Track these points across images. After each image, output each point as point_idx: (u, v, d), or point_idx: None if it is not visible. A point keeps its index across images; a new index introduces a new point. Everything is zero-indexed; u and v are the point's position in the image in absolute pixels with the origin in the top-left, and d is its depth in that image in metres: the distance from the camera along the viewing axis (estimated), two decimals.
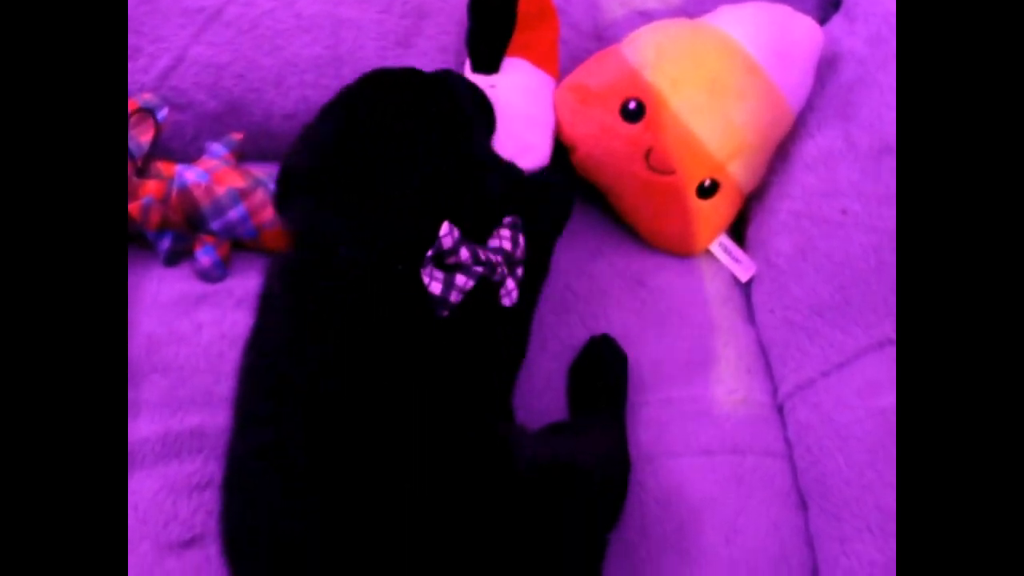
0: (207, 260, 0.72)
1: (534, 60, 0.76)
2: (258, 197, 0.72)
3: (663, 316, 0.77)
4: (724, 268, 0.82)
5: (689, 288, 0.79)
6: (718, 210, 0.79)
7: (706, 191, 0.77)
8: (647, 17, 0.85)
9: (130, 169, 0.71)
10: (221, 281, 0.72)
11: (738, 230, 0.84)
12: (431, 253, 0.57)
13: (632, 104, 0.75)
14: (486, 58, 0.74)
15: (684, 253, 0.82)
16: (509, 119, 0.72)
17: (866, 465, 0.64)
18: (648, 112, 0.75)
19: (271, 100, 0.80)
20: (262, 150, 0.80)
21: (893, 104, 0.72)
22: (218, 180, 0.71)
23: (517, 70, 0.75)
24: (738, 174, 0.77)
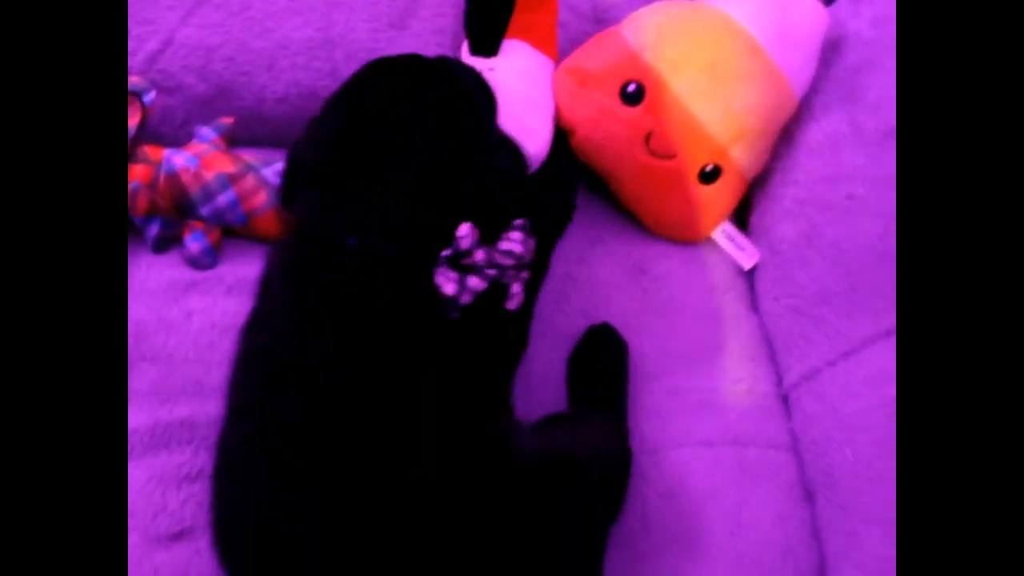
0: (196, 247, 0.70)
1: (533, 42, 0.75)
2: (248, 182, 0.70)
3: (665, 305, 0.76)
4: (727, 256, 0.81)
5: (692, 276, 0.79)
6: (720, 196, 0.78)
7: (708, 176, 0.76)
8: None
9: None
10: (211, 268, 0.71)
11: (741, 216, 0.83)
12: (447, 253, 0.58)
13: (632, 87, 0.74)
14: (485, 40, 0.73)
15: (686, 240, 0.81)
16: (509, 102, 0.71)
17: (874, 457, 0.63)
18: (648, 95, 0.74)
19: (262, 83, 0.79)
20: (253, 134, 0.79)
21: None
22: (207, 165, 0.70)
23: (516, 53, 0.74)
24: (741, 159, 0.76)
